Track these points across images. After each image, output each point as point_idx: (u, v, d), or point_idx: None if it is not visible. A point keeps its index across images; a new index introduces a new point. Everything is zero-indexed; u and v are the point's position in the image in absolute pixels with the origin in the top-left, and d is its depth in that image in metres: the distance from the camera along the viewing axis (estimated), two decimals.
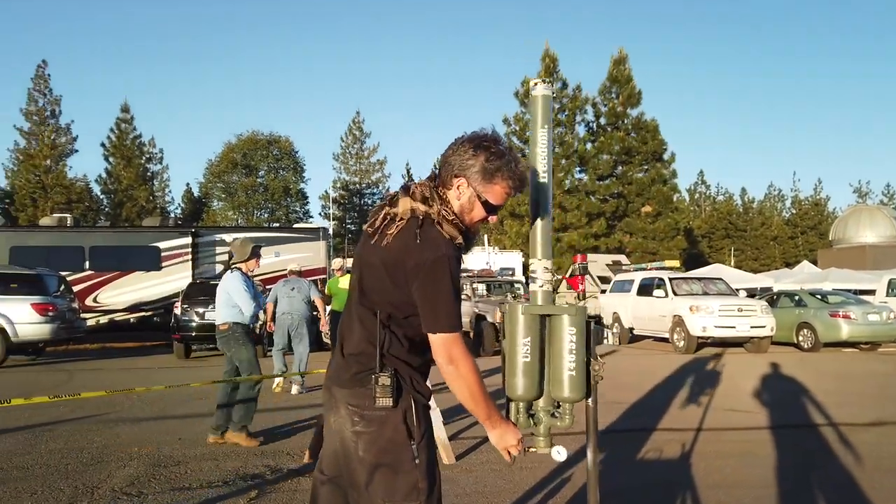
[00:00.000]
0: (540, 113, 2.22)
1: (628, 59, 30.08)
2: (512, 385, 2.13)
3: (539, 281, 2.20)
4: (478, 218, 1.97)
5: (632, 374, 10.58)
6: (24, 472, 4.64)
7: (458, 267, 1.87)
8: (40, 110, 34.91)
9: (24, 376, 10.68)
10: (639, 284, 16.55)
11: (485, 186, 1.91)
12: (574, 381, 2.15)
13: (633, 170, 29.90)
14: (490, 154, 1.89)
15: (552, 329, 2.17)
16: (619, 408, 7.36)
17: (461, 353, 1.86)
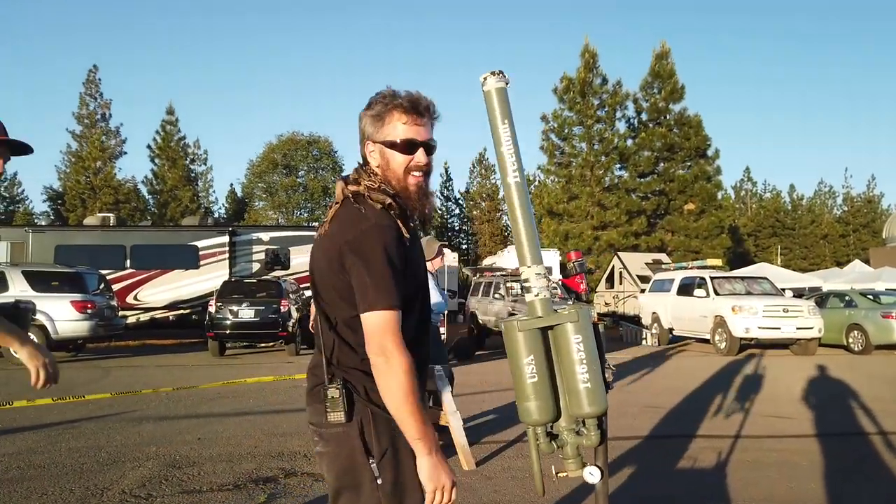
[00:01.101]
0: (497, 108, 2.01)
1: (671, 54, 29.36)
2: (525, 410, 1.93)
3: (534, 290, 1.99)
4: (400, 168, 1.72)
5: (669, 377, 10.22)
6: (39, 472, 4.63)
7: (395, 236, 1.64)
8: (91, 114, 35.98)
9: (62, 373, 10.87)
10: (679, 284, 16.07)
11: (382, 130, 1.72)
12: (592, 394, 1.93)
13: (676, 166, 29.16)
14: (372, 102, 1.74)
15: (556, 340, 1.96)
16: (654, 412, 7.07)
17: (394, 341, 1.57)
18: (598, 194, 28.42)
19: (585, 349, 1.95)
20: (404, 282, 1.63)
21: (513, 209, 2.04)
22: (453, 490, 1.65)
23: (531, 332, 1.96)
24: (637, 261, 22.94)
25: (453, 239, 46.60)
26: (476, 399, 7.80)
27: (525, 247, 2.03)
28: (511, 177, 2.03)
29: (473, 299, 17.09)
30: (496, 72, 2.02)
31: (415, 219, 1.79)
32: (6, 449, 5.28)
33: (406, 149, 1.71)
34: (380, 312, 1.58)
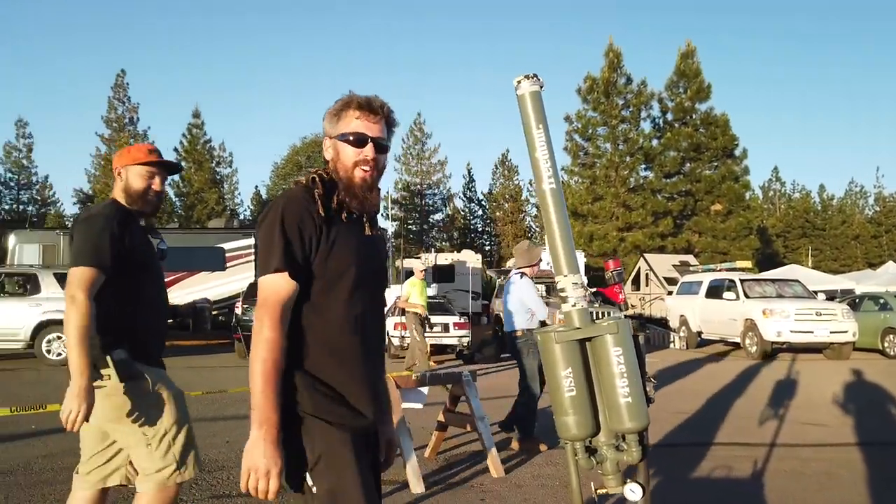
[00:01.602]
0: (531, 112, 1.95)
1: (696, 53, 29.02)
2: (563, 424, 1.88)
3: (571, 300, 1.93)
4: (348, 160, 1.74)
5: (698, 382, 10.04)
6: (70, 475, 4.66)
7: (302, 206, 1.64)
8: (119, 118, 36.66)
9: None
10: (707, 286, 15.82)
11: (337, 126, 1.77)
12: (633, 409, 1.87)
13: (702, 166, 28.79)
14: (335, 104, 1.80)
15: (595, 352, 1.90)
16: (685, 418, 6.94)
17: (268, 304, 1.58)
18: (623, 195, 28.17)
19: (626, 362, 1.89)
20: (307, 255, 1.63)
21: (548, 217, 1.99)
22: (269, 479, 1.53)
23: (569, 344, 1.91)
24: (663, 262, 22.66)
25: (476, 240, 46.52)
26: (504, 403, 7.69)
27: (561, 255, 1.98)
28: (546, 183, 1.97)
29: (498, 301, 17.01)
30: (530, 75, 1.97)
31: (354, 209, 1.75)
32: (39, 451, 5.35)
33: (356, 142, 1.73)
34: (263, 277, 1.61)
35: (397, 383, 4.75)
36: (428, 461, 5.09)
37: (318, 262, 1.64)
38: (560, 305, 2.01)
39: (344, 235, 1.69)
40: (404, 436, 4.47)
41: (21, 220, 36.37)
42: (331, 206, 1.67)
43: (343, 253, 1.67)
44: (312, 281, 1.65)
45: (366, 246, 1.76)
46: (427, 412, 5.56)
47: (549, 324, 14.00)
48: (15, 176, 39.10)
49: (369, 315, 1.75)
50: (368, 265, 1.75)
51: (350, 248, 1.69)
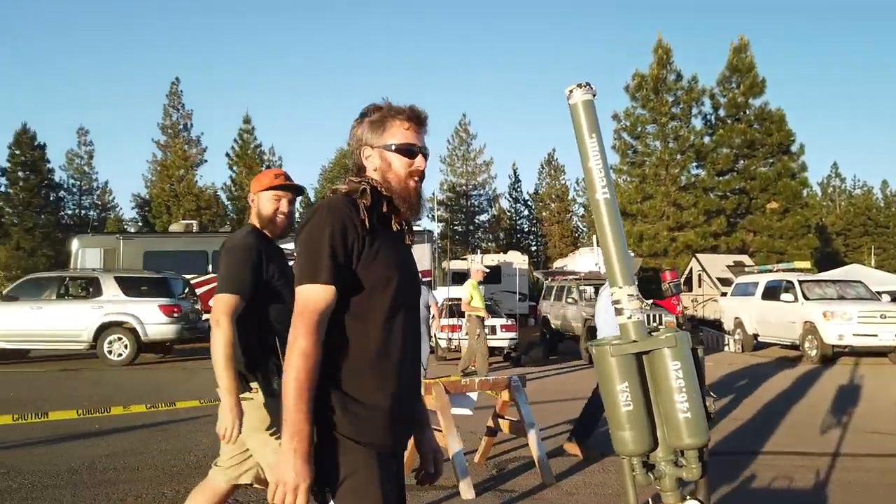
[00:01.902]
0: (584, 121, 1.92)
1: (750, 46, 28.12)
2: (619, 440, 1.85)
3: (626, 312, 1.89)
4: (402, 170, 1.75)
5: (755, 387, 9.74)
6: (133, 474, 4.84)
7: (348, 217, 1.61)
8: (174, 124, 37.86)
9: (150, 374, 11.44)
10: (764, 287, 15.34)
11: (382, 136, 1.76)
12: (692, 425, 1.82)
13: (757, 163, 27.91)
14: (368, 112, 1.81)
15: (652, 366, 1.86)
16: (742, 425, 6.74)
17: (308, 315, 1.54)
18: (674, 194, 27.54)
19: (684, 376, 1.84)
20: (350, 265, 1.60)
21: (602, 227, 1.96)
22: (298, 495, 1.49)
23: (625, 358, 1.87)
24: (717, 262, 22.07)
25: (522, 241, 46.25)
26: (553, 408, 7.65)
27: (616, 266, 1.94)
28: (600, 193, 1.94)
29: (545, 303, 16.88)
30: (583, 84, 1.94)
31: (407, 218, 1.78)
32: (103, 450, 5.56)
33: (408, 153, 1.75)
34: (306, 286, 1.57)
35: (446, 388, 4.75)
36: (478, 467, 5.08)
37: (360, 272, 1.62)
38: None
39: (387, 245, 1.68)
40: (454, 441, 4.47)
41: (83, 224, 37.91)
42: (374, 217, 1.67)
43: (386, 263, 1.66)
44: (353, 291, 1.62)
45: (405, 255, 1.77)
46: (476, 416, 5.55)
47: None
48: (77, 182, 40.76)
49: (408, 324, 1.74)
50: (407, 275, 1.74)
51: (392, 258, 1.69)
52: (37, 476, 4.76)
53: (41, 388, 9.41)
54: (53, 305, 12.67)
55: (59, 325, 12.50)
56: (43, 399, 8.31)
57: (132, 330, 12.52)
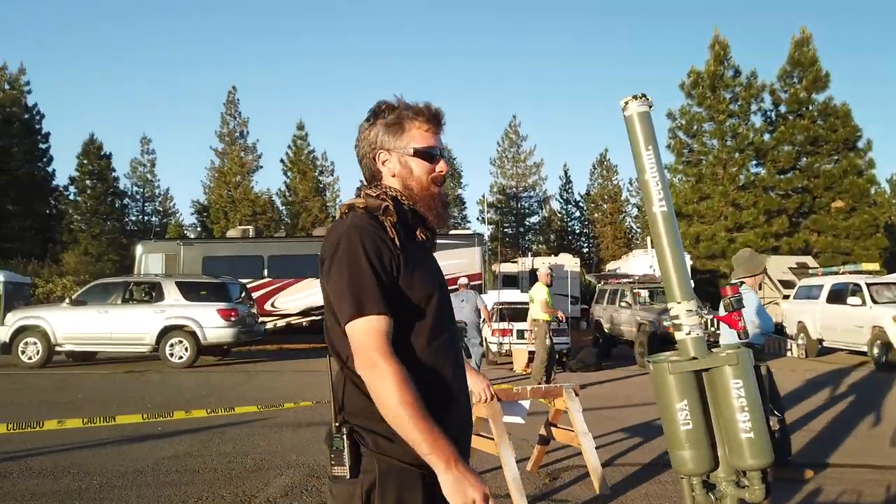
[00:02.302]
0: (640, 133, 1.89)
1: (812, 39, 27.10)
2: (678, 459, 1.80)
3: (685, 328, 1.85)
4: (424, 175, 1.63)
5: (820, 395, 9.35)
6: (193, 476, 4.99)
7: (378, 238, 1.49)
8: (231, 132, 38.97)
9: (209, 377, 11.78)
10: (829, 290, 14.73)
11: (401, 139, 1.63)
12: (755, 445, 1.77)
13: (821, 161, 26.85)
14: (382, 112, 1.65)
15: (713, 384, 1.80)
16: (807, 436, 6.48)
17: (380, 349, 1.40)
18: (733, 193, 26.74)
19: (747, 395, 1.78)
20: (394, 288, 1.49)
21: (659, 241, 1.92)
22: (487, 501, 1.40)
23: (684, 375, 1.82)
24: (779, 264, 21.29)
25: (574, 243, 45.73)
26: (606, 415, 7.52)
27: (674, 281, 1.91)
28: (657, 206, 1.91)
29: (598, 307, 16.63)
30: (638, 95, 1.91)
31: (430, 226, 1.66)
32: (165, 452, 5.75)
33: (429, 157, 1.63)
34: (359, 321, 1.43)
35: (498, 396, 4.72)
36: (530, 475, 5.03)
37: (402, 294, 1.51)
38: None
39: (420, 260, 1.58)
40: (506, 449, 4.44)
41: (146, 230, 39.40)
42: (402, 232, 1.55)
43: (424, 279, 1.55)
44: (398, 315, 1.50)
45: (438, 266, 1.67)
46: (529, 423, 5.49)
47: (655, 332, 13.47)
48: (140, 189, 42.40)
49: (453, 337, 1.64)
50: (445, 287, 1.64)
51: (429, 272, 1.60)
52: (104, 476, 4.96)
53: (108, 390, 9.80)
54: (119, 310, 13.20)
55: (124, 329, 13.02)
56: (110, 401, 8.66)
57: (192, 333, 12.92)
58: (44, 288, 23.57)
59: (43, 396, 9.15)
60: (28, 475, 5.01)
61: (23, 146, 34.92)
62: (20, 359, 12.88)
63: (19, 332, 13.04)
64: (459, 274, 16.50)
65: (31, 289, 20.89)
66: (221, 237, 25.46)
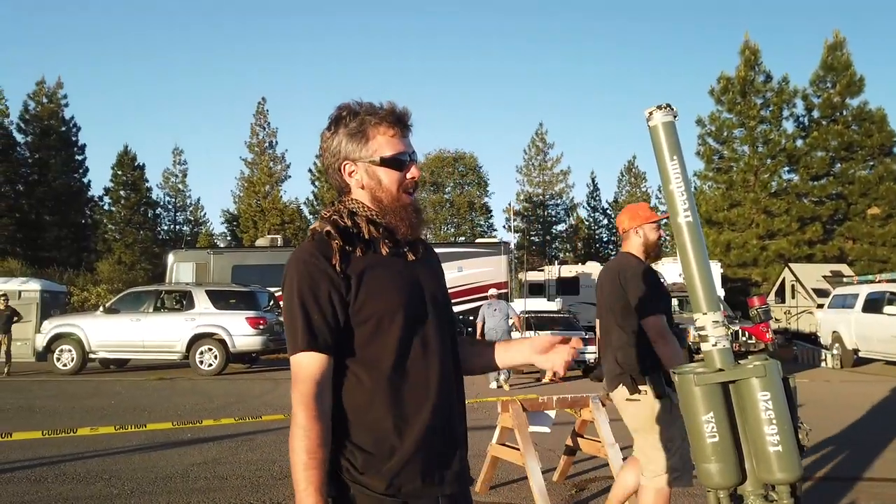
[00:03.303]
0: (665, 143, 1.87)
1: (846, 43, 26.62)
2: (705, 472, 1.78)
3: (711, 339, 1.82)
4: (395, 186, 1.52)
5: (855, 407, 9.11)
6: (221, 483, 5.04)
7: (315, 268, 1.42)
8: (260, 142, 39.59)
9: (237, 384, 11.92)
10: (865, 299, 14.38)
11: (366, 147, 1.52)
12: (784, 459, 1.73)
13: (856, 167, 26.30)
14: (344, 119, 1.54)
15: (740, 397, 1.77)
16: (839, 449, 6.31)
17: (301, 392, 1.38)
18: (764, 200, 26.30)
19: (775, 408, 1.75)
20: (336, 320, 1.42)
21: (684, 252, 1.90)
22: None
23: (710, 387, 1.79)
24: (812, 272, 20.86)
25: (601, 251, 45.38)
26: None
27: (700, 292, 1.88)
28: (682, 217, 1.89)
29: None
30: (662, 105, 1.90)
31: (407, 237, 1.54)
32: (194, 458, 5.82)
33: (398, 164, 1.52)
34: (293, 358, 1.43)
35: (523, 406, 4.70)
36: (556, 486, 4.99)
37: (354, 318, 1.44)
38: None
39: (381, 275, 1.47)
40: (532, 460, 4.41)
41: (178, 239, 40.13)
42: (354, 251, 1.46)
43: (385, 295, 1.45)
44: (353, 334, 1.44)
45: (412, 274, 1.53)
46: (555, 433, 5.45)
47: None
48: (172, 199, 43.25)
49: (433, 350, 1.50)
50: (420, 295, 1.51)
51: (393, 287, 1.47)
52: (135, 482, 5.04)
53: (139, 397, 9.97)
54: (151, 318, 13.45)
55: (156, 337, 13.26)
56: (141, 407, 8.82)
57: (221, 341, 13.10)
58: (79, 296, 24.16)
59: (77, 403, 9.35)
60: (62, 480, 5.11)
61: (60, 158, 35.90)
62: (55, 365, 13.20)
63: (55, 340, 13.37)
64: (486, 282, 16.50)
65: (67, 297, 21.39)
66: (251, 246, 25.80)
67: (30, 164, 35.95)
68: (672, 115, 1.88)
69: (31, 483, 5.04)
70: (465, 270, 16.86)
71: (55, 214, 35.36)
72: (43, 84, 36.79)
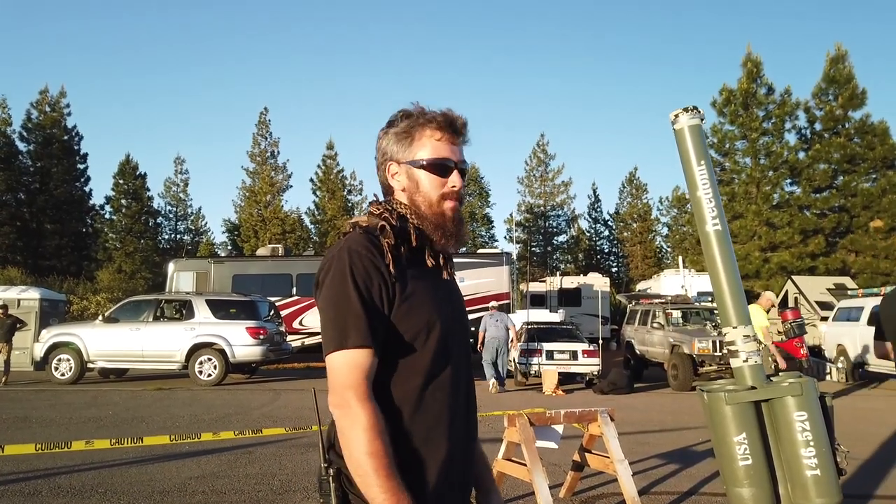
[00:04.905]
0: (691, 148, 1.78)
1: (848, 56, 26.62)
2: (737, 497, 1.67)
3: (742, 354, 1.72)
4: (433, 192, 1.45)
5: (864, 422, 8.97)
6: (219, 498, 4.91)
7: (369, 262, 1.34)
8: (262, 152, 39.56)
9: (237, 395, 11.77)
10: (870, 312, 14.24)
11: (410, 149, 1.46)
12: (822, 483, 1.63)
13: (858, 179, 26.21)
14: (395, 120, 1.49)
15: (775, 416, 1.67)
16: (852, 466, 6.17)
17: (356, 390, 1.28)
18: (767, 212, 26.20)
19: (812, 429, 1.64)
20: (384, 320, 1.34)
21: (713, 262, 1.79)
22: None
23: (742, 406, 1.69)
24: (815, 285, 20.75)
25: (602, 262, 45.25)
26: (640, 440, 7.29)
27: (729, 305, 1.78)
28: (710, 225, 1.79)
29: (629, 328, 16.32)
30: (689, 108, 1.81)
31: (441, 249, 1.47)
32: (192, 472, 5.69)
33: (440, 170, 1.46)
34: (339, 354, 1.30)
35: (531, 420, 4.59)
36: (563, 502, 4.86)
37: (395, 325, 1.36)
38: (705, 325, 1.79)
39: (423, 285, 1.41)
40: (539, 476, 4.29)
41: (179, 248, 40.04)
42: (402, 255, 1.39)
43: (424, 308, 1.39)
44: (390, 348, 1.36)
45: (448, 292, 1.48)
46: (563, 448, 5.33)
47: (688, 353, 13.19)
48: (174, 208, 43.17)
49: (461, 372, 1.45)
50: (453, 316, 1.46)
51: (432, 301, 1.41)
52: (131, 496, 4.91)
53: (137, 408, 9.84)
54: (150, 327, 13.32)
55: (155, 346, 13.12)
56: (139, 418, 8.68)
57: (221, 351, 12.96)
58: (79, 305, 24.01)
59: (73, 413, 9.21)
60: (56, 494, 4.99)
61: (62, 167, 35.88)
62: (53, 375, 13.06)
63: (53, 349, 13.24)
64: (487, 293, 16.40)
65: (67, 306, 21.28)
66: (251, 255, 25.71)
67: (31, 172, 35.92)
68: (699, 118, 1.79)
69: (24, 497, 4.92)
70: (467, 281, 16.75)
71: (56, 223, 35.29)
72: (46, 93, 36.84)
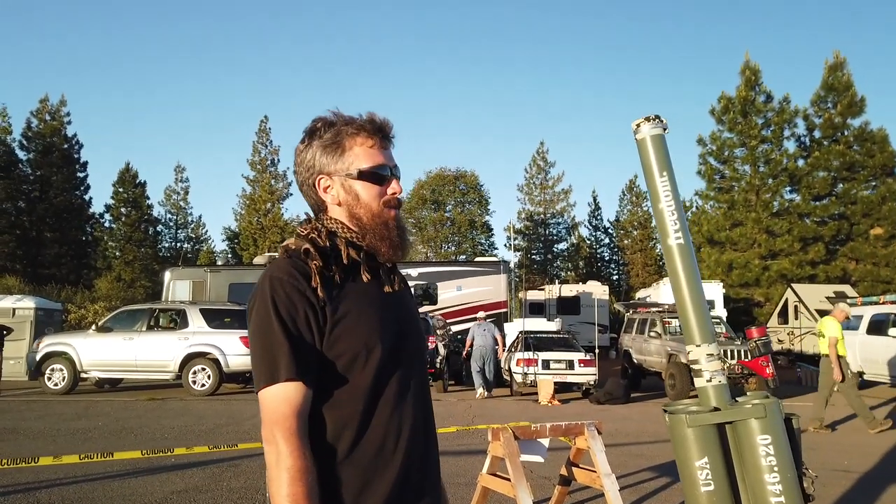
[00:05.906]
0: (653, 158, 1.70)
1: (846, 64, 26.63)
2: None
3: (706, 374, 1.64)
4: (375, 201, 1.39)
5: (861, 432, 8.88)
6: None
7: (293, 288, 1.27)
8: (262, 160, 39.58)
9: (230, 405, 11.69)
10: (869, 320, 14.14)
11: (342, 160, 1.39)
12: None
13: (858, 187, 26.17)
14: (318, 129, 1.41)
15: (738, 440, 1.59)
16: (845, 477, 6.08)
17: (283, 427, 1.22)
18: (766, 220, 26.15)
19: (777, 453, 1.56)
20: (313, 348, 1.27)
21: (676, 277, 1.72)
22: None
23: (705, 429, 1.61)
24: (815, 293, 20.65)
25: (602, 270, 45.15)
26: (634, 452, 7.19)
27: (692, 322, 1.70)
28: (672, 238, 1.72)
29: (627, 337, 16.21)
30: (651, 117, 1.74)
31: (390, 259, 1.40)
32: (176, 486, 5.61)
33: (378, 178, 1.40)
34: (268, 389, 1.24)
35: (515, 434, 4.50)
36: None
37: (326, 352, 1.29)
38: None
39: (359, 305, 1.33)
40: (523, 492, 4.20)
41: (178, 257, 40.02)
42: (334, 275, 1.32)
43: (361, 330, 1.31)
44: (327, 371, 1.29)
45: (392, 308, 1.39)
46: (552, 460, 5.24)
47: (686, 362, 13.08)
48: (174, 217, 43.18)
49: (414, 386, 1.38)
50: (402, 330, 1.38)
51: (371, 319, 1.33)
52: None
53: (128, 418, 9.75)
54: (144, 336, 13.23)
55: (149, 356, 13.03)
56: (129, 429, 8.60)
57: (215, 361, 12.88)
58: (76, 314, 23.94)
59: (63, 424, 9.13)
60: None
61: (61, 175, 35.90)
62: (46, 385, 12.98)
63: (46, 359, 13.16)
64: (485, 301, 16.32)
65: (64, 315, 21.21)
66: (248, 264, 25.67)
67: (31, 181, 35.95)
68: (661, 128, 1.72)
69: None
70: (465, 289, 16.67)
71: (56, 231, 35.29)
72: (46, 102, 36.92)
